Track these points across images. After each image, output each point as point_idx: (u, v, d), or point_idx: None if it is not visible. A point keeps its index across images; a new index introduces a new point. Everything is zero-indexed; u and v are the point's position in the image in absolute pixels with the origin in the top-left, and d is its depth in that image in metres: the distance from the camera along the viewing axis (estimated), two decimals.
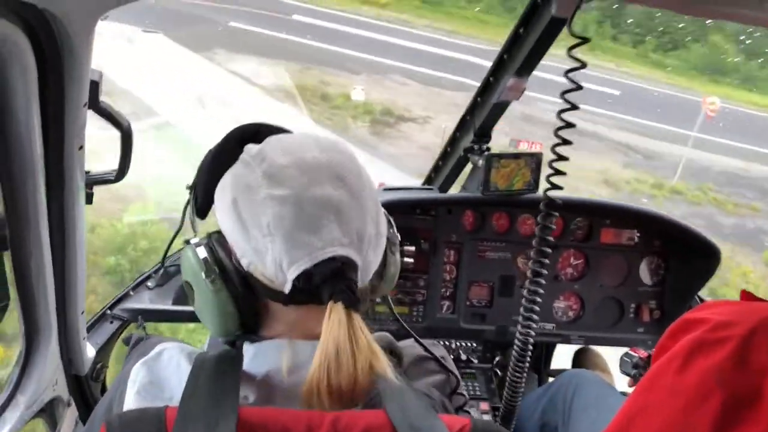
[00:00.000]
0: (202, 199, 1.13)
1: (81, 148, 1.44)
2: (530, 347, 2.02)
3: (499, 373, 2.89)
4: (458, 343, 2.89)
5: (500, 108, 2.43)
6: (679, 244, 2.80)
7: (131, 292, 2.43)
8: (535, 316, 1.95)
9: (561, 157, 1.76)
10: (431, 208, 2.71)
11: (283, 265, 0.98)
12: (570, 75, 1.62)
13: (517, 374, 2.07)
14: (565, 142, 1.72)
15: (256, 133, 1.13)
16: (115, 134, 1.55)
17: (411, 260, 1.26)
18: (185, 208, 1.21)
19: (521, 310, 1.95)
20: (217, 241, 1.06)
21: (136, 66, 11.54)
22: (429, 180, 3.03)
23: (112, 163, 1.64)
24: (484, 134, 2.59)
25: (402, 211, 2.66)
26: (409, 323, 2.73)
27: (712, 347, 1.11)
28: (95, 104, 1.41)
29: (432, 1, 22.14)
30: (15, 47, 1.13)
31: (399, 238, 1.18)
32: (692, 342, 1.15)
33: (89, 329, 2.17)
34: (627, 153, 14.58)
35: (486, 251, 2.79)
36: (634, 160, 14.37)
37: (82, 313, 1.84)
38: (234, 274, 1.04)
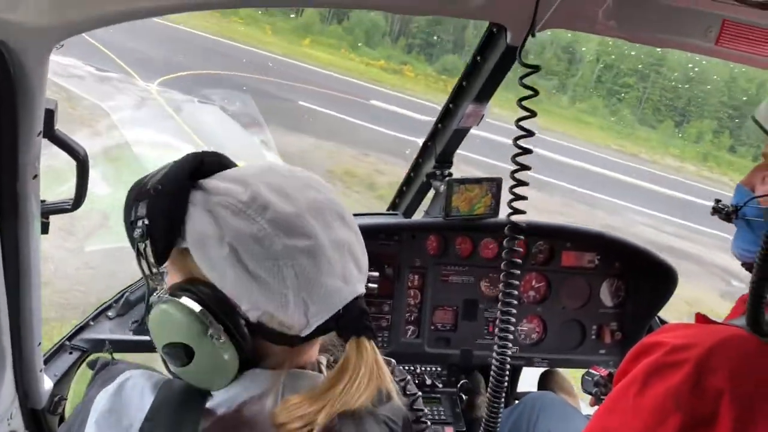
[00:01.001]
0: (161, 244, 1.02)
1: (36, 177, 1.42)
2: (508, 369, 2.02)
3: (464, 397, 2.88)
4: (423, 368, 2.88)
5: (460, 134, 2.47)
6: (639, 266, 2.85)
7: (91, 322, 2.38)
8: (510, 336, 1.96)
9: (521, 182, 1.78)
10: (395, 233, 2.73)
11: (308, 313, 0.97)
12: (523, 103, 1.66)
13: (496, 397, 2.07)
14: (523, 167, 1.75)
15: (200, 164, 1.04)
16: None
17: (375, 285, 1.25)
18: (138, 260, 1.06)
19: (496, 331, 1.96)
20: (210, 295, 0.98)
21: (174, 132, 11.19)
22: (394, 206, 3.05)
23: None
24: (445, 160, 2.63)
25: (366, 237, 2.65)
26: None
27: (669, 370, 1.14)
28: (50, 133, 1.40)
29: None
30: None
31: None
32: (650, 365, 1.18)
33: (47, 360, 2.13)
34: (728, 281, 11.64)
35: (450, 275, 2.81)
36: (736, 289, 10.78)
37: (39, 344, 1.80)
38: (243, 328, 0.98)
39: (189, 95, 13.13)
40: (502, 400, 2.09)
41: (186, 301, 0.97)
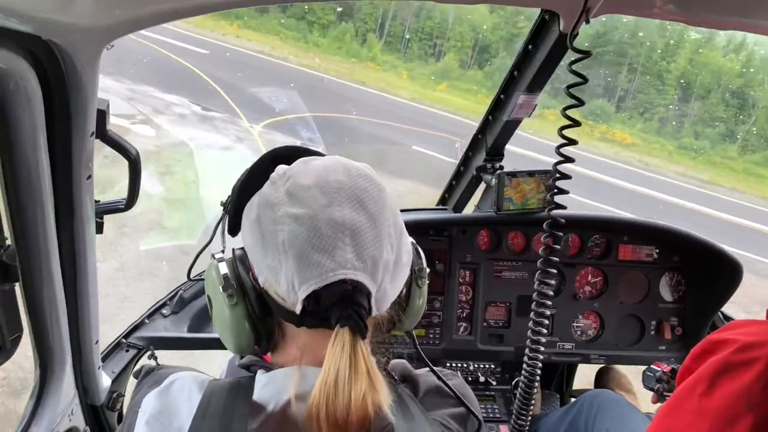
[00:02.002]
0: (232, 216, 1.13)
1: (89, 177, 1.44)
2: (539, 370, 1.97)
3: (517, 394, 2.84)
4: (476, 365, 2.85)
5: (512, 126, 2.41)
6: (699, 259, 2.75)
7: (146, 320, 2.43)
8: (542, 339, 1.90)
9: (564, 176, 1.72)
10: (445, 229, 2.69)
11: (294, 284, 0.96)
12: (571, 90, 1.60)
13: (525, 398, 2.03)
14: (567, 159, 1.69)
15: (291, 155, 1.13)
16: None
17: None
18: (217, 224, 1.21)
19: (528, 332, 1.91)
20: (239, 257, 1.07)
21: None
22: (443, 200, 3.01)
23: None
24: (496, 153, 2.58)
25: (416, 233, 2.62)
26: (426, 345, 2.70)
27: (739, 369, 1.08)
28: (103, 133, 1.41)
29: (688, 146, 20.58)
30: (21, 80, 1.13)
31: (428, 270, 1.16)
32: (717, 364, 1.12)
33: (104, 358, 2.17)
34: None
35: (502, 271, 2.76)
36: None
37: (97, 342, 1.84)
38: (250, 291, 1.03)
39: (293, 137, 12.99)
40: (532, 401, 2.05)
41: (218, 261, 1.08)
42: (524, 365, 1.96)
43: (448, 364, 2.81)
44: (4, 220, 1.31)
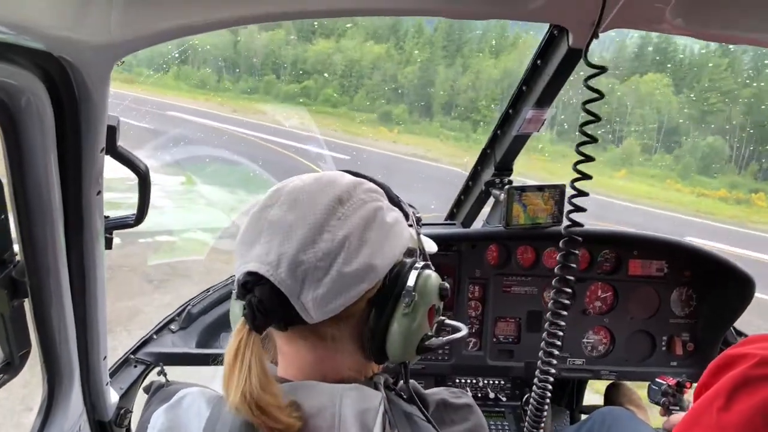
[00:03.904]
0: None
1: (99, 193, 1.44)
2: (550, 385, 1.95)
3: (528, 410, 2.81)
4: (486, 381, 2.82)
5: (521, 140, 2.41)
6: (710, 273, 2.73)
7: (154, 336, 2.42)
8: (555, 352, 1.88)
9: (581, 192, 1.71)
10: (454, 244, 2.69)
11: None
12: (587, 107, 1.59)
13: (537, 415, 2.00)
14: (585, 176, 1.68)
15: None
16: None
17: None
18: None
19: (542, 345, 1.88)
20: None
21: None
22: (452, 215, 3.00)
23: None
24: (504, 167, 2.57)
25: None
26: (436, 362, 2.68)
27: (758, 384, 1.07)
28: (113, 149, 1.41)
29: None
30: (33, 96, 1.14)
31: (416, 297, 1.05)
32: (736, 379, 1.11)
33: (112, 374, 2.16)
34: None
35: (512, 286, 2.74)
36: None
37: (105, 358, 1.83)
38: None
39: None
40: (543, 418, 2.03)
41: None
42: (535, 382, 1.94)
43: (457, 381, 2.79)
44: (14, 236, 1.32)
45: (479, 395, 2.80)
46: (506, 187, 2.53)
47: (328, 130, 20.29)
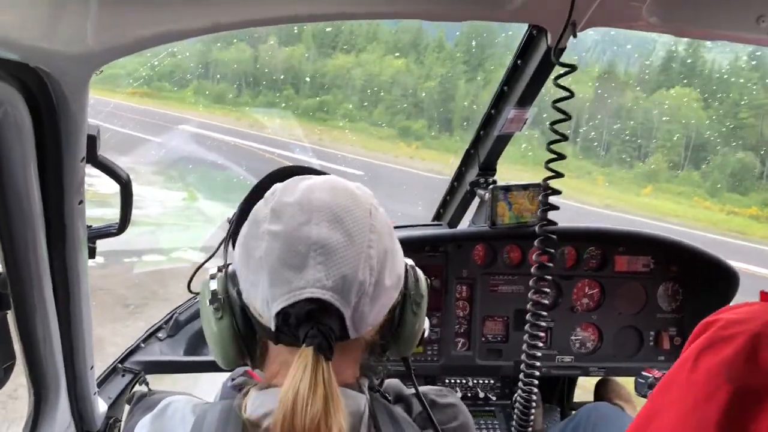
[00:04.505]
0: (234, 231, 1.14)
1: (81, 202, 1.44)
2: (536, 382, 1.98)
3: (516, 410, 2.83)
4: (475, 381, 2.83)
5: (503, 140, 2.43)
6: (696, 268, 2.75)
7: (142, 344, 2.41)
8: (538, 353, 1.91)
9: (554, 191, 1.75)
10: (440, 245, 2.69)
11: (268, 301, 0.97)
12: (558, 105, 1.62)
13: (525, 413, 2.02)
14: (558, 174, 1.71)
15: (293, 173, 1.14)
16: None
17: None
18: (223, 240, 1.24)
19: (524, 347, 1.91)
20: (230, 272, 1.08)
21: None
22: (438, 216, 3.01)
23: None
24: (488, 167, 2.59)
25: (411, 249, 2.64)
26: (425, 362, 2.69)
27: (722, 344, 1.12)
28: (93, 158, 1.41)
29: None
30: (10, 107, 1.13)
31: (424, 297, 1.13)
32: (704, 341, 1.16)
33: (101, 384, 2.16)
34: None
35: (499, 285, 2.75)
36: None
37: (92, 367, 1.83)
38: (235, 305, 1.04)
39: None
40: (531, 417, 2.06)
41: (211, 277, 1.08)
42: (521, 380, 1.96)
43: (447, 381, 2.79)
44: None
45: (469, 395, 2.81)
46: (490, 186, 2.54)
47: (344, 145, 20.08)
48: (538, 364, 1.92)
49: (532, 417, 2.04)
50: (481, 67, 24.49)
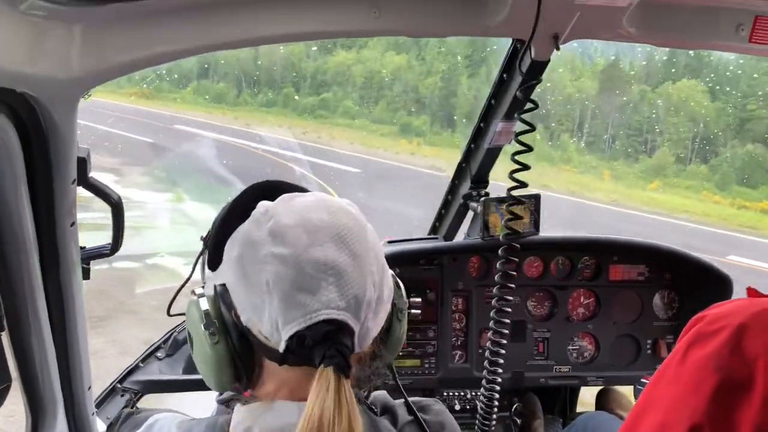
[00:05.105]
0: (213, 251, 1.10)
1: (73, 224, 1.46)
2: (497, 395, 2.05)
3: (518, 421, 2.82)
4: (473, 393, 2.83)
5: (493, 153, 2.45)
6: (690, 275, 2.76)
7: (140, 364, 2.42)
8: (500, 361, 2.01)
9: (518, 201, 1.85)
10: (435, 258, 2.71)
11: (278, 324, 0.97)
12: (523, 116, 1.67)
13: (486, 424, 2.07)
14: (522, 184, 1.76)
15: (273, 190, 1.12)
16: None
17: (419, 312, 1.25)
18: (197, 259, 1.20)
19: (487, 354, 1.98)
20: (220, 294, 1.05)
21: None
22: (434, 229, 3.03)
23: None
24: (480, 180, 2.60)
25: (407, 263, 2.65)
26: (422, 375, 2.70)
27: (709, 337, 1.15)
28: (84, 180, 1.43)
29: None
30: (0, 132, 1.16)
31: (407, 305, 1.16)
32: (692, 335, 1.19)
33: (100, 404, 2.16)
34: None
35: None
36: None
37: (89, 388, 1.83)
38: (232, 329, 1.03)
39: None
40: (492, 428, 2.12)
41: (199, 298, 1.06)
42: (481, 392, 2.02)
43: (445, 393, 2.79)
44: None
45: (468, 407, 2.81)
46: (482, 199, 2.56)
47: (344, 143, 19.95)
48: (500, 371, 1.99)
49: (493, 428, 2.07)
50: (485, 63, 24.41)
